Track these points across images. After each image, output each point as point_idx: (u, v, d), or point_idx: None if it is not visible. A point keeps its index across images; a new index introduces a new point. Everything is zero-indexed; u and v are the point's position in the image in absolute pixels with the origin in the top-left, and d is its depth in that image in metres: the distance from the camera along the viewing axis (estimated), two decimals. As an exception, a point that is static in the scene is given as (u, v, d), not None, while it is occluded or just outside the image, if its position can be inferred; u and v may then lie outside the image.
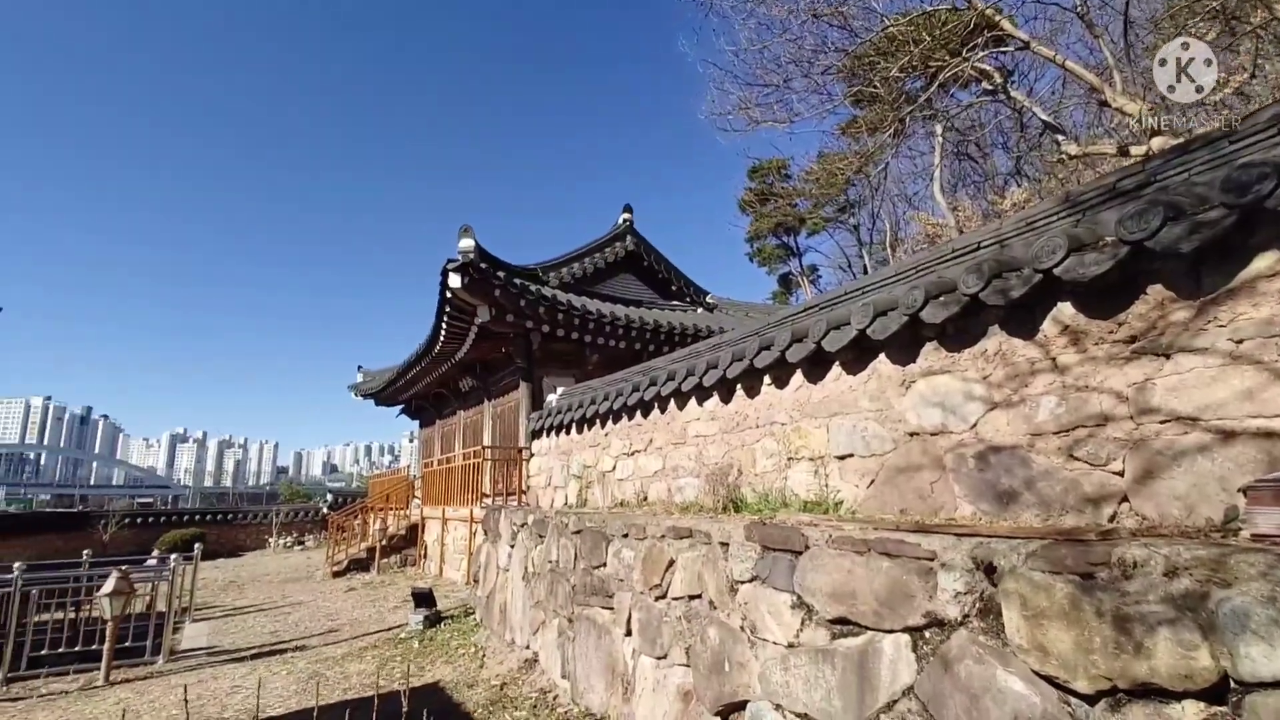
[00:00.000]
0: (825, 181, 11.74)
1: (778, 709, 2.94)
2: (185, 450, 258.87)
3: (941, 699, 2.25)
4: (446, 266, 9.86)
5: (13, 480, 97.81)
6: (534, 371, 11.89)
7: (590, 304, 12.13)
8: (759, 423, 4.65)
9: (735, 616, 3.31)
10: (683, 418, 5.65)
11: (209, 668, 6.98)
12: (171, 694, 6.01)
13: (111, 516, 24.18)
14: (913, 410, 3.42)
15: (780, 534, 3.08)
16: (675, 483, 5.62)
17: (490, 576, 7.55)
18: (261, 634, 8.67)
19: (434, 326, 11.83)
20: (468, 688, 5.68)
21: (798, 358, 4.12)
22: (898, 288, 3.61)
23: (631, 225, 15.44)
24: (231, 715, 5.36)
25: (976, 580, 2.26)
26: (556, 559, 5.61)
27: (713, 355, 5.18)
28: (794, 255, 31.63)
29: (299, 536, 25.16)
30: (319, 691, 5.77)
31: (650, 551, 4.17)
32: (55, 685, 6.40)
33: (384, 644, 7.53)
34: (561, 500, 7.90)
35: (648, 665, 4.06)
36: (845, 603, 2.68)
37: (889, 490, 3.50)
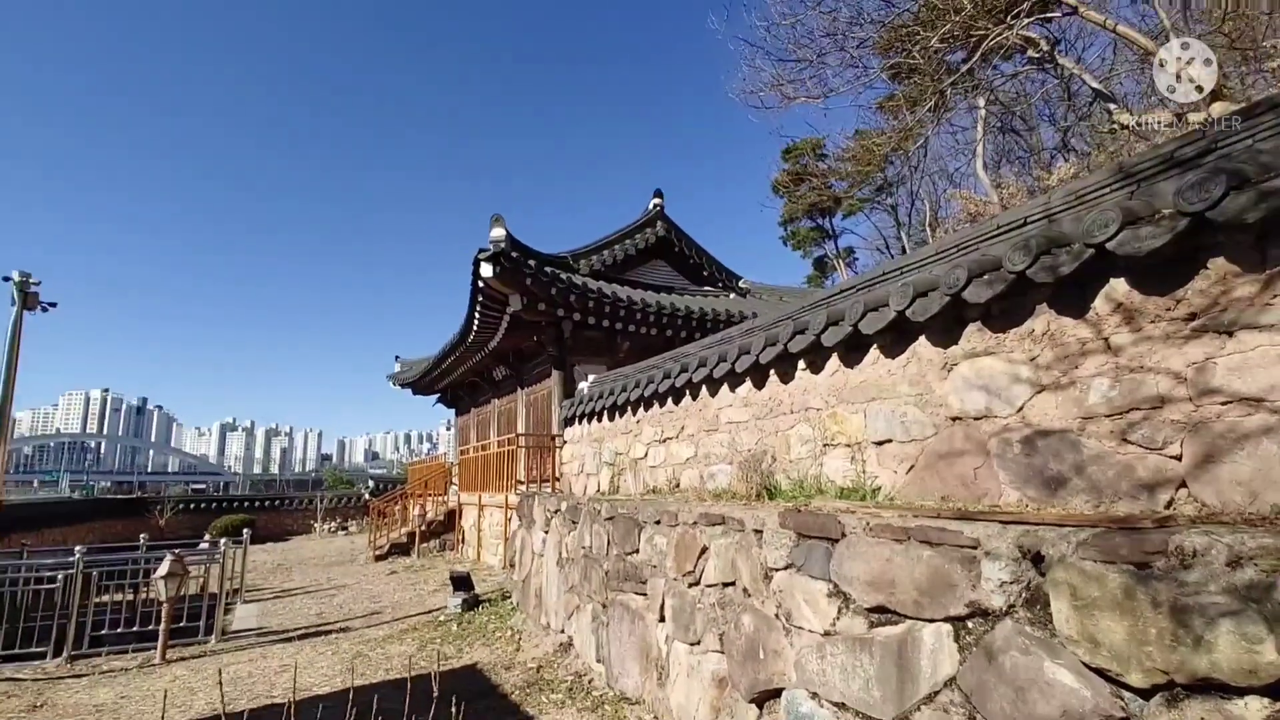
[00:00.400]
0: (862, 160, 11.42)
1: (814, 698, 2.90)
2: (235, 438, 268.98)
3: (985, 691, 2.18)
4: (478, 256, 9.93)
5: (76, 468, 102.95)
6: (566, 359, 11.94)
7: (621, 291, 12.09)
8: (793, 408, 4.57)
9: (769, 604, 3.27)
10: (715, 404, 5.59)
11: (259, 647, 7.25)
12: (225, 671, 6.25)
13: (167, 502, 25.28)
14: (955, 394, 3.30)
15: (816, 521, 3.02)
16: (708, 470, 5.58)
17: (525, 561, 7.64)
18: (308, 616, 8.97)
19: (467, 316, 11.96)
20: (505, 670, 5.77)
21: (833, 341, 4.03)
22: (938, 267, 3.48)
23: (662, 210, 15.30)
24: (279, 694, 5.55)
25: (1023, 569, 2.17)
26: (590, 545, 5.63)
27: (745, 340, 5.10)
28: (829, 238, 30.95)
29: (342, 522, 25.92)
30: (362, 671, 5.95)
31: (683, 538, 4.15)
32: (116, 663, 6.73)
33: (424, 626, 7.71)
34: (594, 487, 7.93)
35: (681, 651, 4.05)
36: (884, 591, 2.61)
37: (929, 476, 3.40)
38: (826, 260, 30.81)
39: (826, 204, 28.05)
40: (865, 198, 26.38)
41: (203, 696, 5.58)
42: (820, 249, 31.26)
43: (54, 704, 5.52)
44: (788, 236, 31.57)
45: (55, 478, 72.18)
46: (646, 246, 14.83)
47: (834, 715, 2.78)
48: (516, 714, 4.72)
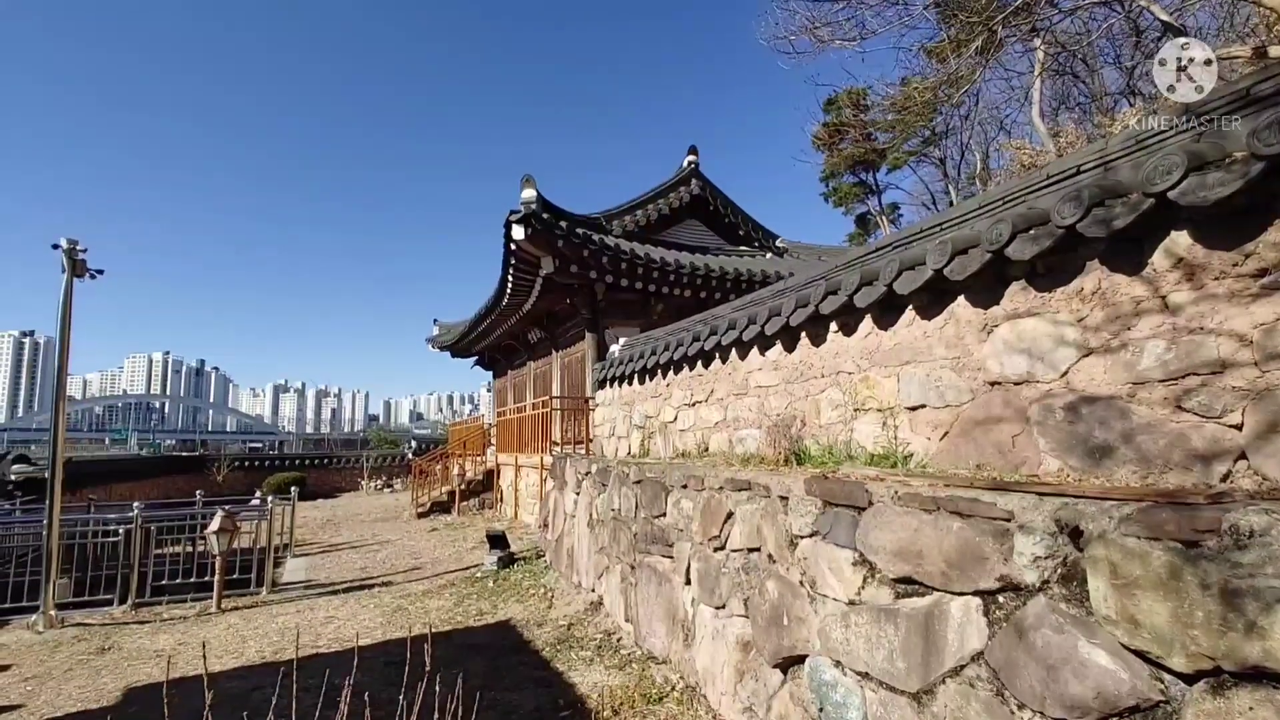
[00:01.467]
0: (908, 110, 10.79)
1: (837, 665, 2.86)
2: (287, 399, 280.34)
3: (1014, 668, 2.09)
4: (509, 218, 9.86)
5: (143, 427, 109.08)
6: (599, 322, 11.89)
7: (654, 252, 11.91)
8: (824, 372, 4.43)
9: (794, 571, 3.22)
10: (744, 367, 5.47)
11: (306, 599, 7.60)
12: (274, 622, 6.59)
13: (224, 460, 26.58)
14: (994, 357, 3.12)
15: (842, 489, 2.93)
16: (736, 434, 5.50)
17: (558, 522, 7.76)
18: (352, 570, 9.36)
19: (501, 279, 11.98)
20: (537, 626, 5.92)
21: (867, 302, 3.85)
22: (980, 222, 3.26)
23: (696, 168, 14.86)
24: (324, 644, 5.82)
25: (1059, 544, 2.06)
26: (618, 507, 5.66)
27: (775, 302, 4.94)
28: (872, 193, 29.68)
29: (388, 480, 26.87)
30: (401, 624, 6.18)
31: (709, 503, 4.11)
32: (175, 611, 7.15)
33: (461, 582, 7.95)
34: (625, 450, 7.95)
35: (707, 614, 4.06)
36: (911, 562, 2.53)
37: (964, 444, 3.26)
38: (869, 217, 29.69)
39: (869, 158, 26.80)
40: (911, 150, 25.09)
41: (254, 645, 5.89)
42: (863, 205, 30.08)
43: (119, 648, 5.90)
44: (829, 193, 30.44)
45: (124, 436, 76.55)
46: (680, 206, 14.48)
47: (857, 684, 2.74)
48: (547, 670, 4.83)
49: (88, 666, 5.41)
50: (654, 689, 4.22)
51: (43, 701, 4.68)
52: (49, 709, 4.51)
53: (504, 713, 4.11)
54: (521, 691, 4.45)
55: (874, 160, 27.16)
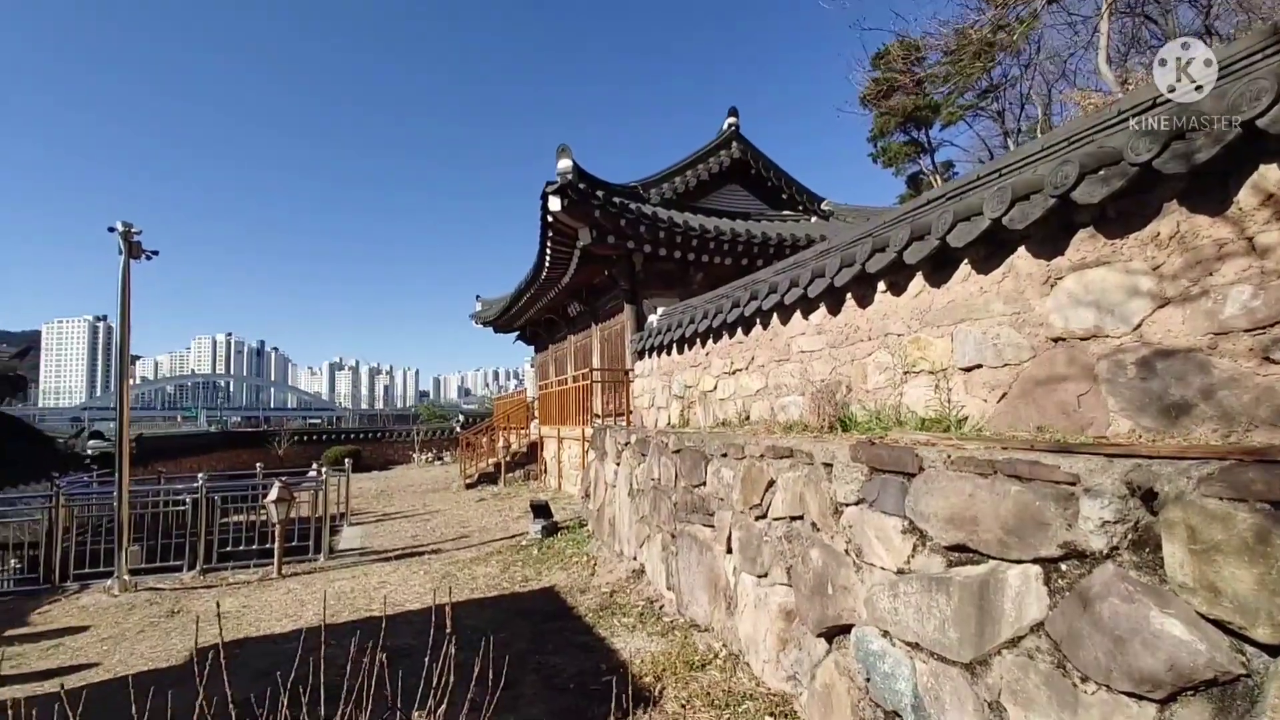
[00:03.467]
0: (963, 52, 10.09)
1: (885, 636, 2.75)
2: (343, 377, 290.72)
3: (1078, 639, 1.95)
4: (546, 190, 9.78)
5: (210, 404, 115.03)
6: (637, 293, 11.75)
7: (693, 220, 11.66)
8: (871, 334, 4.24)
9: (839, 539, 3.11)
10: (786, 333, 5.31)
11: (360, 566, 7.88)
12: (330, 586, 6.85)
13: (285, 434, 27.77)
14: (1058, 312, 2.91)
15: (891, 454, 2.79)
16: (778, 401, 5.37)
17: (599, 492, 7.79)
18: (404, 538, 9.65)
19: (539, 252, 11.95)
20: (580, 593, 5.97)
21: (917, 258, 3.64)
22: (1043, 166, 3.01)
23: (737, 131, 14.39)
24: (378, 608, 6.00)
25: (1130, 508, 1.89)
26: (658, 477, 5.62)
27: (819, 263, 4.75)
28: (925, 151, 28.19)
29: (438, 452, 27.62)
30: (450, 590, 6.33)
31: (749, 471, 4.01)
32: (239, 576, 7.51)
33: (507, 550, 8.10)
34: (665, 420, 7.89)
35: (749, 583, 3.99)
36: (964, 529, 2.39)
37: (1024, 405, 3.06)
38: (921, 177, 28.36)
39: (921, 114, 25.48)
40: (967, 104, 23.63)
41: (311, 608, 6.12)
42: (914, 164, 28.71)
43: (188, 610, 6.23)
44: (877, 153, 29.15)
45: (194, 413, 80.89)
46: (721, 170, 14.08)
47: (906, 655, 2.64)
48: (590, 635, 4.87)
49: (158, 628, 5.73)
50: (696, 656, 4.20)
51: (117, 660, 4.98)
52: (122, 667, 4.79)
53: (548, 676, 4.16)
54: (565, 656, 4.50)
55: (926, 116, 25.81)
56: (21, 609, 6.54)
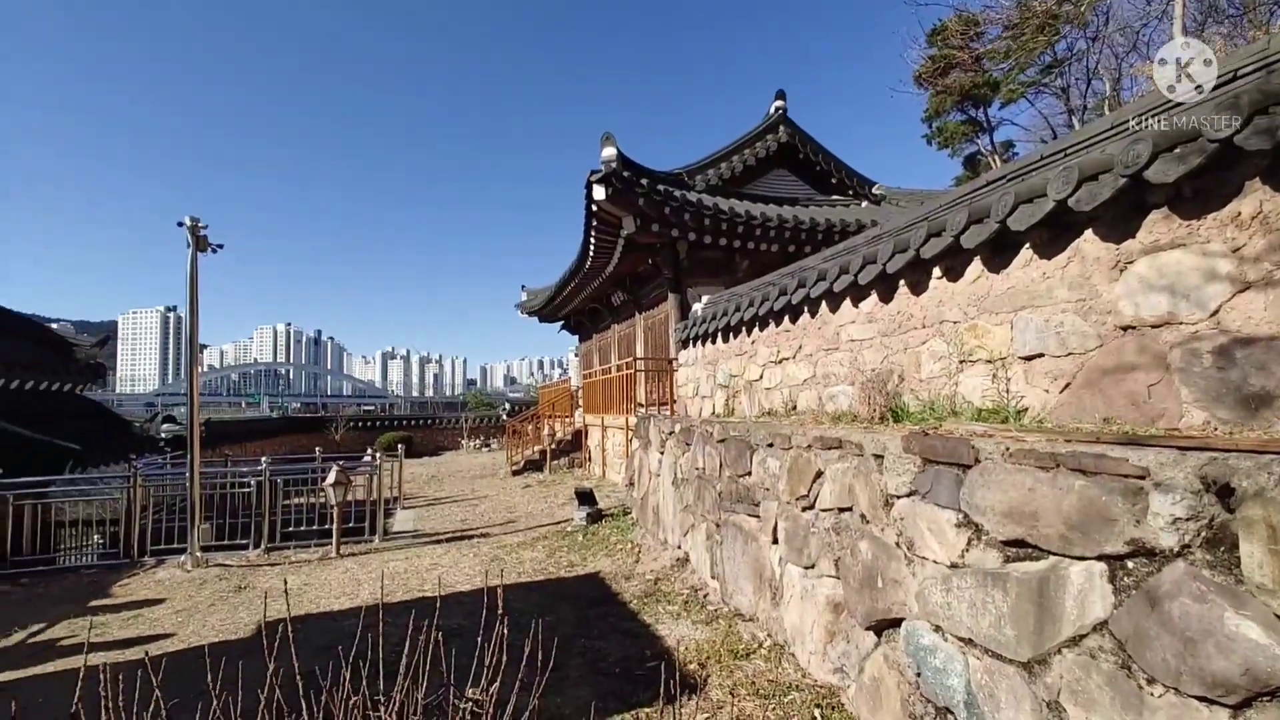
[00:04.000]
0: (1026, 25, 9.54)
1: (937, 630, 2.69)
2: (394, 365, 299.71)
3: (1144, 640, 1.87)
4: (590, 178, 9.80)
5: (272, 391, 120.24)
6: (681, 282, 11.70)
7: (739, 206, 11.49)
8: (925, 322, 4.12)
9: (889, 532, 3.04)
10: (835, 321, 5.20)
11: (413, 548, 8.14)
12: (385, 567, 7.10)
13: (341, 421, 28.86)
14: (1127, 298, 2.76)
15: (945, 446, 2.71)
16: (827, 391, 5.27)
17: (643, 480, 7.83)
18: (454, 521, 9.92)
19: (583, 242, 12.00)
20: (625, 579, 6.03)
21: (975, 242, 3.51)
22: (1113, 144, 2.85)
23: (785, 114, 14.07)
24: (430, 589, 6.19)
25: (1204, 504, 1.79)
26: (702, 466, 5.60)
27: (870, 249, 4.63)
28: (983, 131, 26.79)
29: (485, 439, 28.25)
30: (498, 573, 6.48)
31: (796, 462, 3.96)
32: (300, 555, 7.86)
33: (553, 535, 8.24)
34: (709, 410, 7.86)
35: (795, 574, 3.95)
36: (1023, 524, 2.30)
37: (1089, 395, 2.92)
38: (979, 158, 27.13)
39: (980, 91, 24.26)
40: (1029, 80, 22.39)
41: (368, 587, 6.37)
42: (972, 145, 27.44)
43: (254, 586, 6.56)
44: (932, 134, 27.94)
45: (258, 400, 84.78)
46: (767, 155, 13.81)
47: (959, 650, 2.57)
48: (634, 621, 4.91)
49: (227, 602, 6.05)
50: (741, 645, 4.19)
51: (190, 631, 5.28)
52: (195, 638, 5.08)
53: (593, 660, 4.22)
54: (609, 640, 4.55)
55: (985, 94, 24.57)
56: (104, 581, 7.00)
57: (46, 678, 4.48)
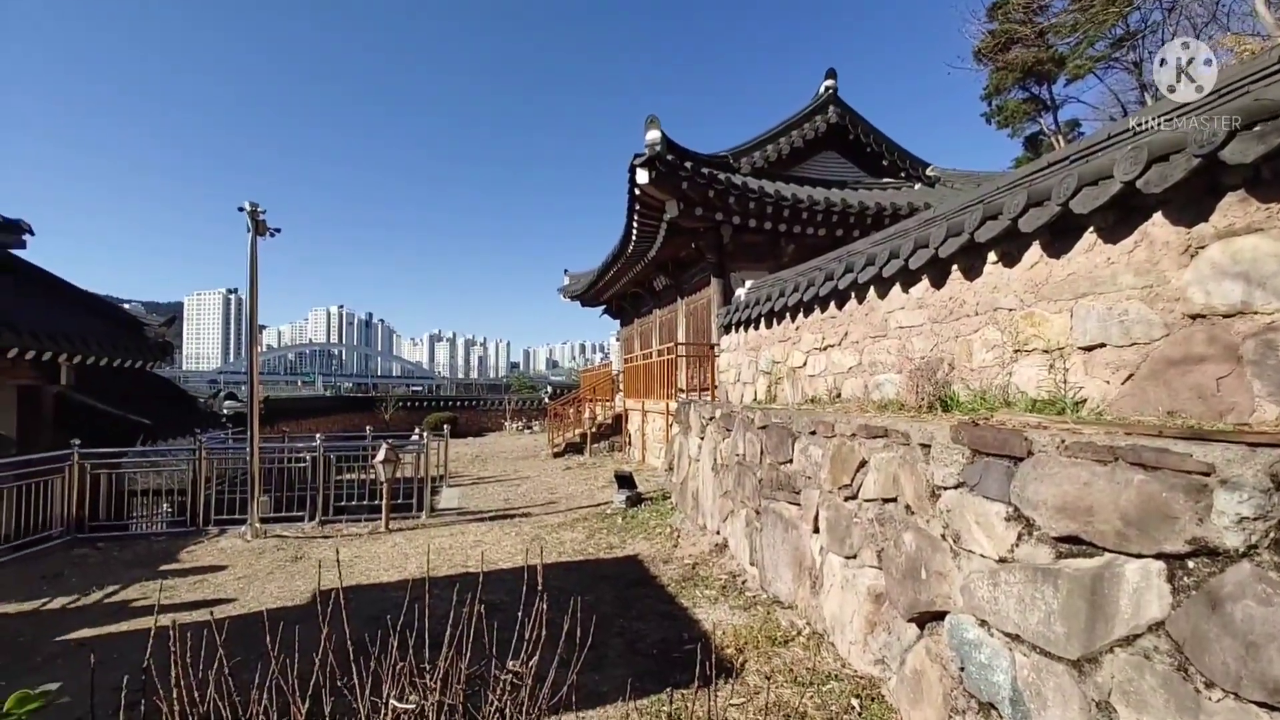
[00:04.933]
0: (1095, 5, 9.02)
1: (982, 625, 2.63)
2: (441, 348, 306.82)
3: (1203, 642, 1.79)
4: (633, 162, 9.76)
5: (325, 371, 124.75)
6: (725, 267, 11.59)
7: (785, 189, 11.29)
8: (978, 309, 3.99)
9: (935, 524, 2.98)
10: (884, 307, 5.08)
11: (458, 525, 8.37)
12: (431, 542, 7.32)
13: (390, 400, 29.74)
14: (1198, 285, 2.61)
15: (996, 437, 2.63)
16: (873, 379, 5.17)
17: (683, 465, 7.85)
18: (497, 501, 10.15)
19: (625, 226, 11.99)
20: (663, 563, 6.08)
21: (1034, 226, 3.36)
22: (1186, 122, 2.69)
23: (834, 94, 13.69)
24: (473, 565, 6.37)
25: (1273, 503, 1.70)
26: (743, 453, 5.58)
27: (922, 233, 4.49)
28: (1046, 110, 25.37)
29: (527, 422, 28.73)
30: (539, 552, 6.61)
31: (839, 450, 3.91)
32: (351, 529, 8.18)
33: (592, 517, 8.35)
34: (750, 396, 7.80)
35: (836, 563, 3.91)
36: (1077, 519, 2.22)
37: (1153, 387, 2.79)
38: (1041, 138, 25.82)
39: (1044, 68, 23.01)
40: (1098, 55, 21.13)
41: (414, 561, 6.59)
42: (1034, 124, 26.12)
43: (309, 557, 6.87)
44: (991, 113, 26.68)
45: (312, 379, 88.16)
46: (816, 137, 13.47)
47: (1005, 646, 2.51)
48: (672, 604, 4.96)
49: (284, 571, 6.35)
50: (779, 632, 4.18)
51: (250, 597, 5.57)
52: (255, 604, 5.36)
53: (631, 640, 4.28)
54: (647, 622, 4.61)
55: (1049, 70, 23.27)
56: (172, 548, 7.43)
57: (121, 635, 4.80)
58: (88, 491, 8.02)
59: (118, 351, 10.83)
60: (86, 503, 8.03)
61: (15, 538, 7.08)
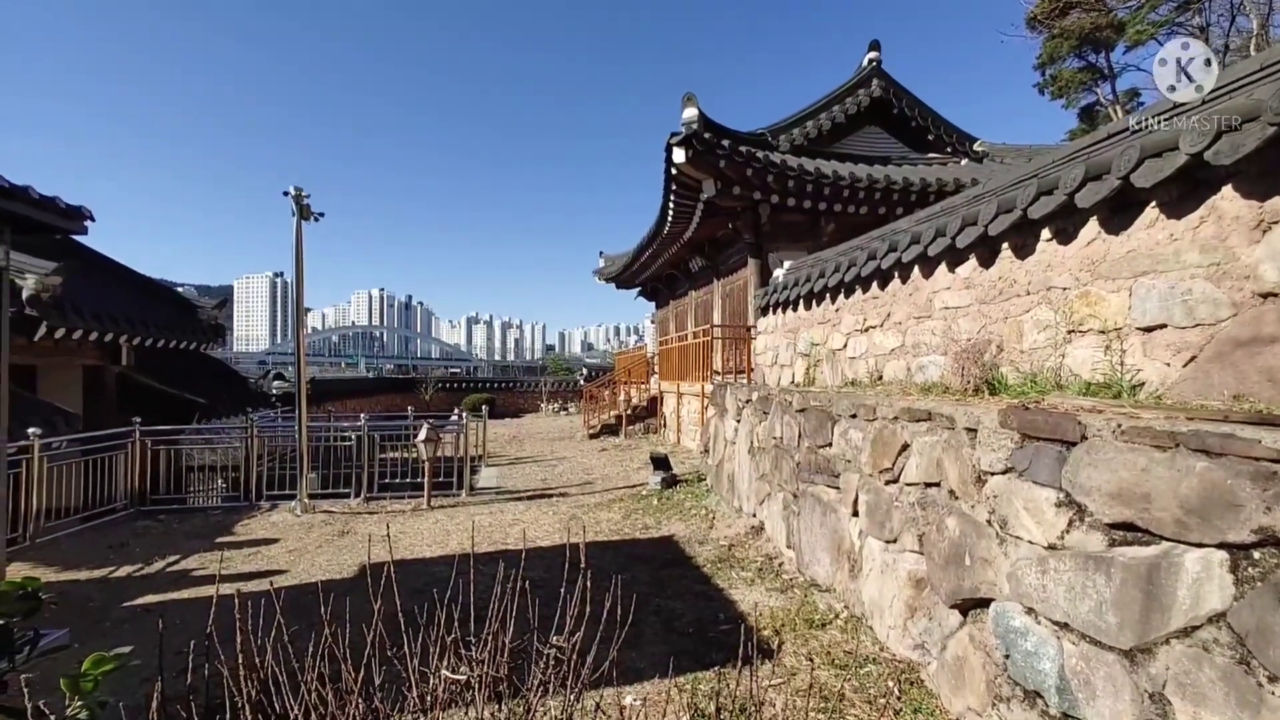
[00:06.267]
0: None
1: (1029, 613, 2.57)
2: (478, 330, 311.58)
3: (1268, 635, 1.72)
4: (670, 141, 9.64)
5: (368, 353, 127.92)
6: (763, 247, 11.42)
7: (825, 166, 11.01)
8: (1030, 289, 3.85)
9: (980, 509, 2.91)
10: (928, 287, 4.94)
11: (497, 503, 8.54)
12: (471, 520, 7.50)
13: (430, 382, 30.39)
14: (1271, 261, 2.46)
15: (1048, 421, 2.55)
16: (916, 361, 5.05)
17: (718, 448, 7.83)
18: (534, 480, 10.31)
19: (661, 207, 11.90)
20: (698, 544, 6.10)
21: (1092, 201, 3.21)
22: (1261, 88, 2.52)
23: (878, 67, 13.23)
24: (512, 542, 6.50)
25: (1355, 493, 1.61)
26: (780, 436, 5.53)
27: (970, 209, 4.34)
28: (1104, 78, 23.94)
29: (563, 403, 29.03)
30: (575, 531, 6.71)
31: (881, 434, 3.84)
32: (395, 506, 8.43)
33: (628, 498, 8.41)
34: (788, 379, 7.71)
35: (875, 547, 3.87)
36: (1134, 506, 2.15)
37: (1218, 370, 2.66)
38: (1098, 109, 24.50)
39: (1102, 34, 21.74)
40: (1161, 19, 19.92)
41: (455, 537, 6.76)
42: (1090, 94, 24.75)
43: (355, 532, 7.10)
44: (1045, 83, 25.31)
45: (355, 360, 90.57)
46: (858, 111, 13.08)
47: (1053, 634, 2.45)
48: (708, 585, 4.98)
49: (332, 545, 6.59)
50: (816, 615, 4.17)
51: (301, 570, 5.80)
52: (306, 576, 5.58)
53: (667, 619, 4.32)
54: (683, 601, 4.64)
55: (1108, 37, 21.98)
56: (228, 521, 7.78)
57: (182, 602, 5.05)
58: (149, 466, 8.43)
59: (174, 333, 11.30)
60: (148, 477, 8.44)
61: (83, 509, 7.50)
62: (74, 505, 7.37)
